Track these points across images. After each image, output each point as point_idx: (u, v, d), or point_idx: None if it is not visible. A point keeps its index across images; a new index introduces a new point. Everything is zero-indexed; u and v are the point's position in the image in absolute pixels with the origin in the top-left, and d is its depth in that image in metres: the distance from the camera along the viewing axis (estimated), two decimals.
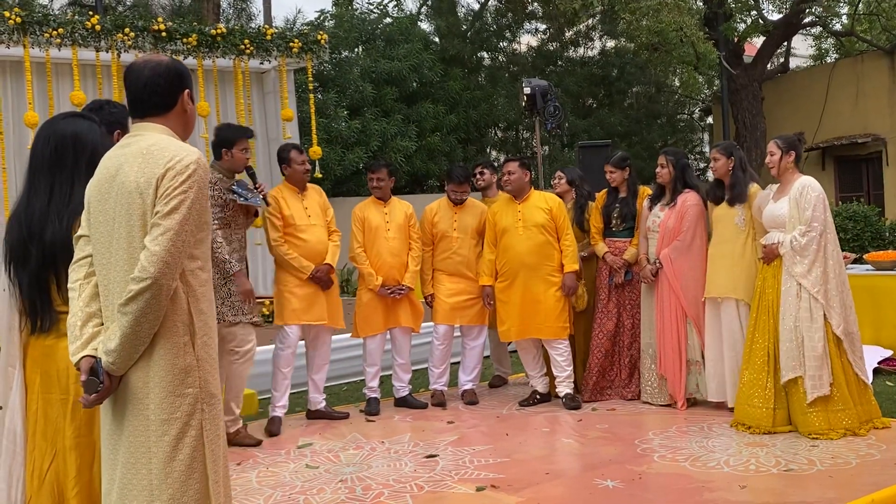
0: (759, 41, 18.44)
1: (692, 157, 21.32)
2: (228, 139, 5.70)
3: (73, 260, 2.73)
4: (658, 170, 6.33)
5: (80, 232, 2.74)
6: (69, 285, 2.71)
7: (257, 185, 5.77)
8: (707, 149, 21.53)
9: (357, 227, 6.54)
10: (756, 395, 5.48)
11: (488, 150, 18.12)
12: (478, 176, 7.10)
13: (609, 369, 6.65)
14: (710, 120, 20.95)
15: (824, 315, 5.31)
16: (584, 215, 6.77)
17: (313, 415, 6.35)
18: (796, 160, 5.67)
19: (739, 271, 5.87)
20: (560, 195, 6.80)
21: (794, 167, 5.66)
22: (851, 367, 5.37)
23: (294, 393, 6.61)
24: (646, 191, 6.67)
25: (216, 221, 5.53)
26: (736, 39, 16.93)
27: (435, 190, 15.87)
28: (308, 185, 6.34)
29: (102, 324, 2.62)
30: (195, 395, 2.59)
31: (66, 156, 3.09)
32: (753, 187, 6.01)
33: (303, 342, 6.36)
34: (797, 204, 5.45)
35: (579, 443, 5.60)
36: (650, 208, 6.40)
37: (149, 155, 2.58)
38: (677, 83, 15.09)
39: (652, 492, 4.51)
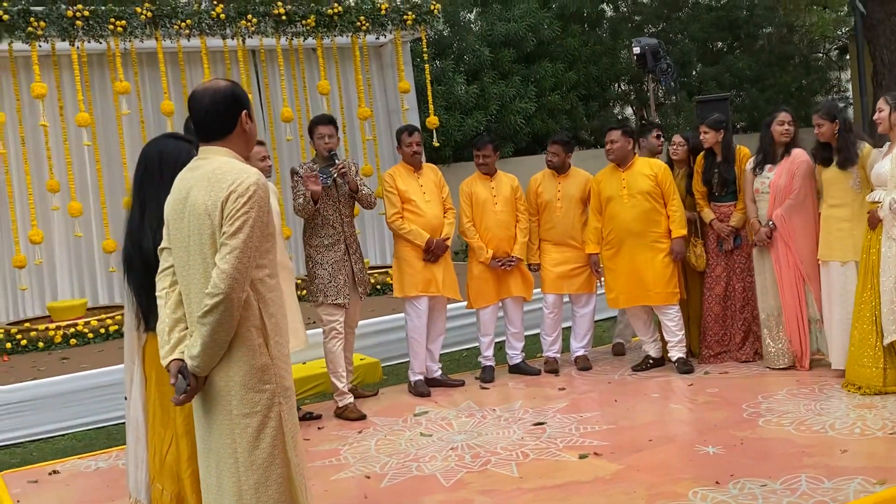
0: None
1: (830, 97, 20.42)
2: (310, 130, 6.18)
3: (159, 270, 3.08)
4: (783, 128, 6.21)
5: (163, 244, 3.08)
6: (157, 293, 3.06)
7: (335, 166, 6.07)
8: (849, 88, 20.56)
9: (465, 202, 6.77)
10: (866, 356, 5.45)
11: (611, 105, 17.91)
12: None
13: (722, 334, 6.67)
14: (847, 58, 19.96)
15: None
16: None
17: (430, 383, 6.67)
18: None
19: (858, 234, 5.76)
20: (680, 161, 6.82)
21: None
22: None
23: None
24: (743, 150, 6.59)
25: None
26: None
27: None
28: (424, 164, 6.63)
29: (187, 328, 2.95)
30: (273, 390, 2.91)
31: (153, 173, 3.44)
32: (865, 147, 5.87)
33: None
34: None
35: (687, 408, 5.71)
36: (754, 171, 6.33)
37: (213, 179, 2.88)
38: (805, 25, 14.46)
39: (751, 457, 4.59)
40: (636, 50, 9.21)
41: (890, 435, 4.70)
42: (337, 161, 6.13)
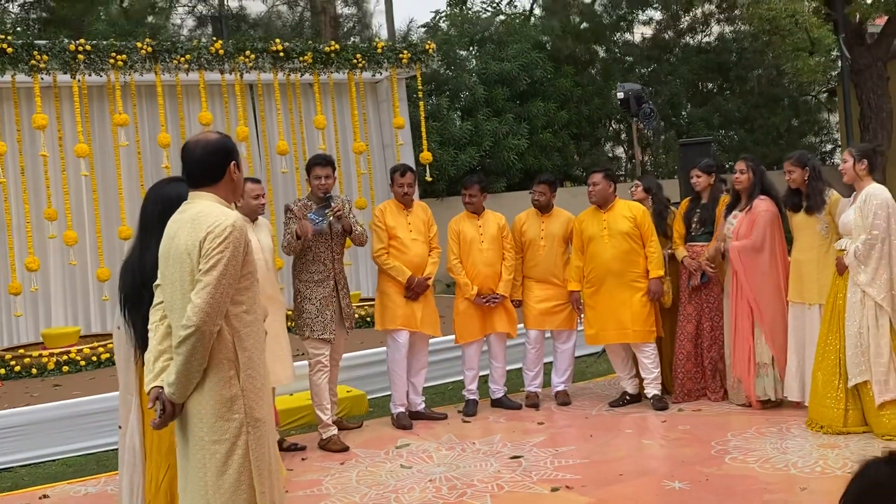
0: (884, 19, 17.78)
1: (819, 139, 20.78)
2: (307, 169, 6.36)
3: (153, 304, 3.31)
4: (737, 175, 6.48)
5: (157, 281, 3.30)
6: (149, 326, 3.27)
7: (331, 208, 6.28)
8: (837, 130, 20.91)
9: (453, 240, 6.99)
10: (829, 396, 5.66)
11: (602, 144, 18.23)
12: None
13: (695, 371, 6.87)
14: (836, 100, 20.33)
15: (890, 321, 5.42)
16: (667, 222, 6.98)
17: (414, 416, 6.85)
18: (870, 169, 5.74)
19: (825, 278, 5.99)
20: (638, 202, 7.06)
21: (868, 175, 5.73)
22: None
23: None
24: (727, 200, 6.84)
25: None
26: (858, 20, 16.43)
27: None
28: (415, 202, 6.85)
29: (171, 359, 3.15)
30: (241, 420, 3.11)
31: (171, 215, 3.64)
32: (833, 195, 6.11)
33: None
34: (861, 212, 5.57)
35: (659, 444, 5.89)
36: (726, 216, 6.57)
37: (195, 221, 3.12)
38: (792, 70, 14.78)
39: (714, 493, 4.78)
40: (620, 95, 9.50)
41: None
42: (333, 203, 6.34)
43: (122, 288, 3.73)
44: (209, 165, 3.25)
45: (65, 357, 8.47)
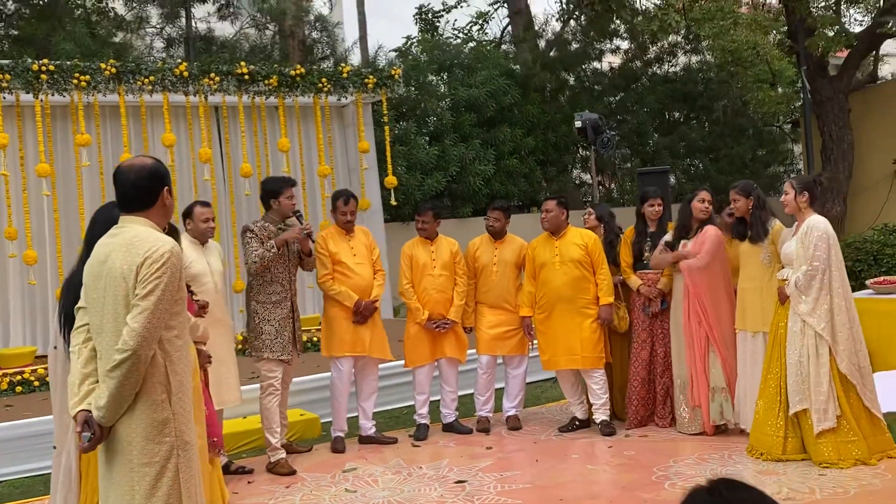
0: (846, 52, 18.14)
1: (783, 169, 21.08)
2: (275, 190, 6.37)
3: (75, 326, 3.32)
4: (705, 206, 6.58)
5: (80, 304, 3.32)
6: (71, 348, 3.29)
7: (303, 226, 6.34)
8: (799, 160, 21.22)
9: (405, 265, 7.05)
10: (769, 424, 5.76)
11: (570, 170, 18.40)
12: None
13: (647, 397, 6.95)
14: (800, 131, 20.67)
15: (830, 351, 5.53)
16: (616, 250, 7.08)
17: (364, 440, 6.89)
18: (811, 201, 5.86)
19: (767, 306, 6.11)
20: (590, 230, 7.15)
21: (809, 207, 5.86)
22: (861, 400, 5.57)
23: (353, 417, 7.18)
24: (670, 226, 6.97)
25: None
26: (819, 53, 16.73)
27: (516, 211, 16.26)
28: (357, 227, 6.89)
29: (97, 382, 3.18)
30: (172, 443, 3.14)
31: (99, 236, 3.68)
32: (776, 225, 6.24)
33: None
34: (802, 243, 5.69)
35: (602, 469, 5.95)
36: (673, 245, 6.67)
37: (131, 245, 3.15)
38: (754, 101, 15.08)
39: None
40: (577, 124, 9.66)
41: (784, 500, 4.96)
42: (303, 222, 6.41)
43: (62, 307, 3.76)
44: (142, 190, 3.29)
45: (18, 377, 8.43)
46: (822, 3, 17.31)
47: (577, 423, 7.00)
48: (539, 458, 6.22)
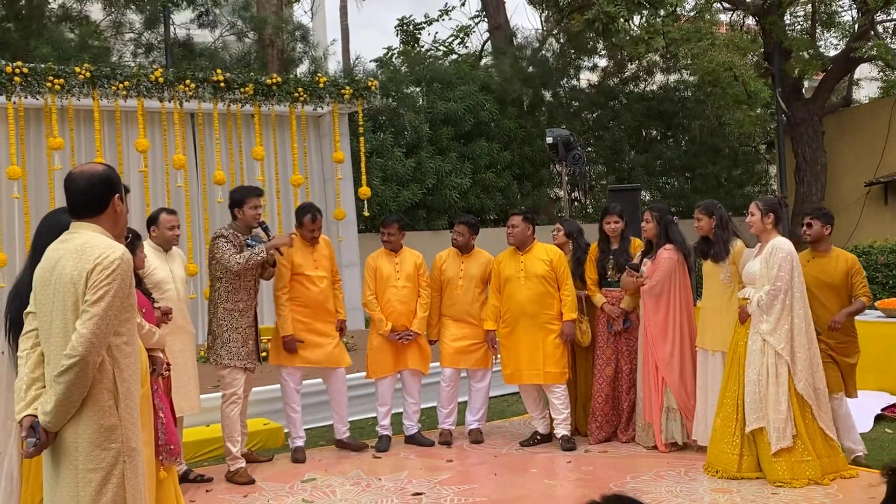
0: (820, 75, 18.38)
1: (757, 189, 21.27)
2: (238, 200, 6.38)
3: (23, 332, 3.31)
4: (643, 224, 6.68)
5: (29, 308, 3.32)
6: (18, 353, 3.28)
7: (270, 237, 6.36)
8: (774, 180, 21.43)
9: (370, 276, 7.08)
10: (725, 441, 5.81)
11: (545, 185, 18.50)
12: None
13: (611, 414, 6.99)
14: (775, 152, 20.89)
15: (789, 371, 5.60)
16: (583, 267, 7.13)
17: (340, 444, 6.98)
18: (776, 222, 5.94)
19: (726, 325, 6.18)
20: (559, 246, 7.19)
21: (774, 228, 5.93)
22: (816, 421, 5.63)
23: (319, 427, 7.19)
24: (637, 242, 7.03)
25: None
26: (795, 75, 16.95)
27: (490, 224, 16.33)
28: (321, 237, 6.91)
29: (44, 387, 3.18)
30: (118, 449, 3.14)
31: (46, 243, 3.68)
32: (738, 244, 6.31)
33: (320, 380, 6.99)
34: (766, 263, 5.76)
35: (559, 484, 5.98)
36: (640, 262, 6.75)
37: (82, 251, 3.15)
38: (731, 121, 15.25)
39: None
40: (549, 140, 9.74)
41: None
42: (270, 233, 6.43)
43: (8, 311, 3.75)
44: (93, 197, 3.29)
45: None
46: (799, 27, 17.57)
47: (538, 437, 7.03)
48: (498, 472, 6.24)
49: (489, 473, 6.24)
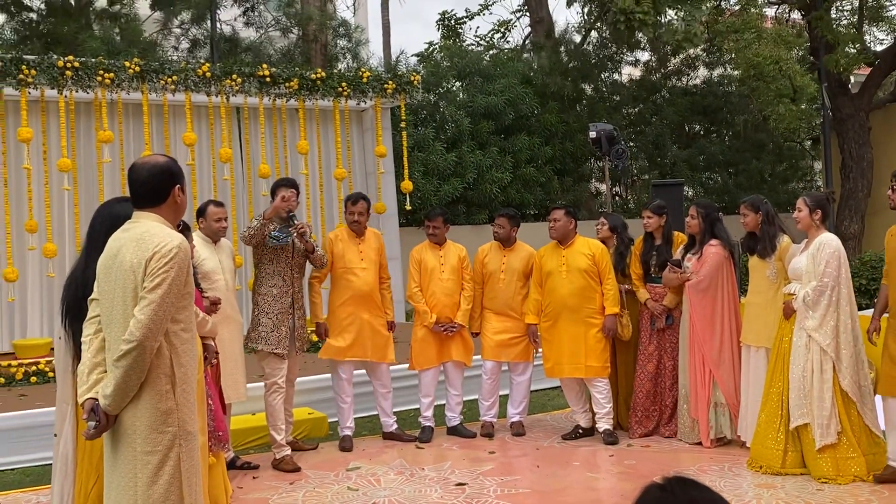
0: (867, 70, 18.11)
1: (802, 185, 21.03)
2: (272, 189, 6.51)
3: (87, 318, 3.42)
4: (688, 220, 6.68)
5: (92, 295, 3.43)
6: (82, 339, 3.39)
7: (294, 225, 6.45)
8: (819, 176, 21.17)
9: (414, 269, 7.15)
10: (769, 437, 5.80)
11: (586, 180, 18.45)
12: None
13: (652, 409, 6.99)
14: (820, 148, 20.61)
15: (834, 367, 5.57)
16: (626, 261, 7.14)
17: (387, 436, 7.09)
18: (823, 218, 5.91)
19: (771, 321, 6.15)
20: (602, 241, 7.21)
21: (821, 224, 5.90)
22: (861, 418, 5.60)
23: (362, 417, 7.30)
24: (680, 237, 7.02)
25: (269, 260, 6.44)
26: (841, 70, 16.71)
27: (530, 219, 16.33)
28: (369, 230, 7.00)
29: (105, 371, 3.28)
30: (174, 432, 3.24)
31: (101, 233, 3.79)
32: (785, 240, 6.28)
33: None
34: (814, 259, 5.73)
35: (602, 478, 6.01)
36: (683, 257, 6.75)
37: (141, 240, 3.25)
38: (774, 115, 15.06)
39: None
40: (592, 134, 9.74)
41: None
42: (296, 221, 6.50)
43: (64, 299, 3.87)
44: (154, 187, 3.39)
45: (34, 368, 8.57)
46: (845, 21, 17.32)
47: (580, 431, 7.05)
48: (540, 464, 6.28)
49: (531, 465, 6.28)
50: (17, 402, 7.49)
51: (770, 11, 18.87)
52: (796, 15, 18.66)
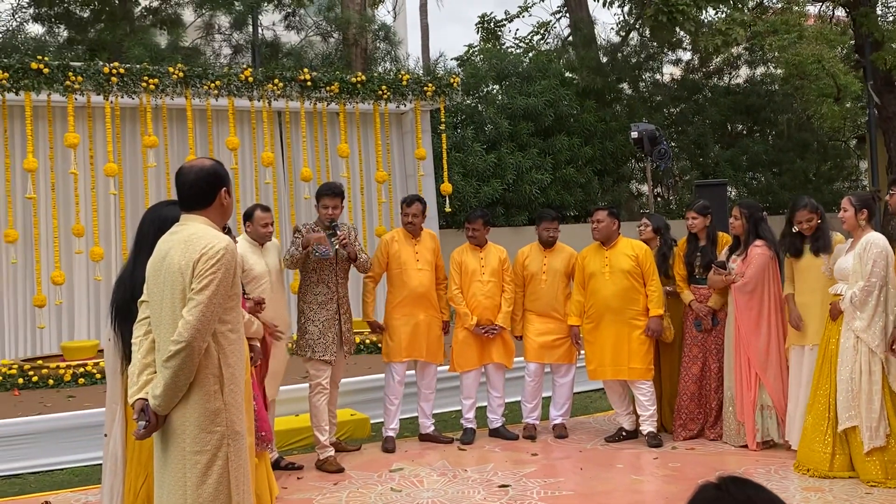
0: None
1: (847, 185, 20.71)
2: (317, 196, 6.58)
3: (137, 319, 3.47)
4: (732, 221, 6.61)
5: (142, 298, 3.48)
6: (132, 340, 3.44)
7: (337, 237, 6.48)
8: (865, 176, 20.84)
9: (455, 271, 7.16)
10: (817, 440, 5.72)
11: (626, 181, 18.33)
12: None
13: (697, 412, 6.93)
14: (866, 147, 20.28)
15: (883, 368, 5.48)
16: (669, 262, 7.09)
17: (424, 438, 7.09)
18: (869, 217, 5.82)
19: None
20: (645, 242, 7.16)
21: (868, 224, 5.81)
22: None
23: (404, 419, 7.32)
24: (724, 237, 6.95)
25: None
26: (889, 67, 16.45)
27: (570, 220, 16.26)
28: (425, 231, 7.05)
29: (155, 372, 3.33)
30: (223, 432, 3.27)
31: (149, 235, 3.85)
32: (837, 237, 6.19)
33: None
34: (860, 259, 5.64)
35: (646, 480, 5.97)
36: (728, 258, 6.68)
37: (189, 242, 3.30)
38: (817, 115, 14.86)
39: None
40: (634, 134, 9.68)
41: None
42: (339, 231, 6.53)
43: (113, 301, 3.93)
44: (201, 190, 3.43)
45: (82, 369, 8.71)
46: (891, 17, 17.05)
47: (623, 433, 7.01)
48: (584, 467, 6.26)
49: (574, 468, 6.26)
50: (66, 403, 7.62)
51: (813, 9, 18.63)
52: (840, 12, 18.39)
